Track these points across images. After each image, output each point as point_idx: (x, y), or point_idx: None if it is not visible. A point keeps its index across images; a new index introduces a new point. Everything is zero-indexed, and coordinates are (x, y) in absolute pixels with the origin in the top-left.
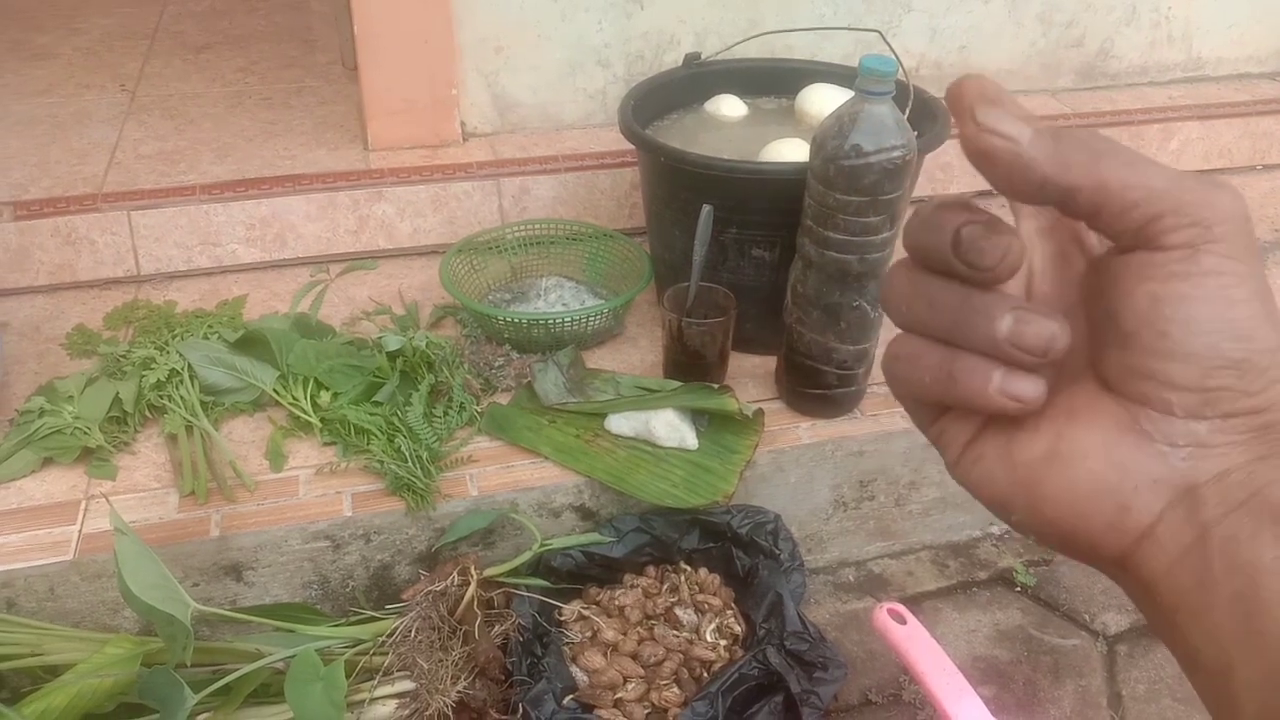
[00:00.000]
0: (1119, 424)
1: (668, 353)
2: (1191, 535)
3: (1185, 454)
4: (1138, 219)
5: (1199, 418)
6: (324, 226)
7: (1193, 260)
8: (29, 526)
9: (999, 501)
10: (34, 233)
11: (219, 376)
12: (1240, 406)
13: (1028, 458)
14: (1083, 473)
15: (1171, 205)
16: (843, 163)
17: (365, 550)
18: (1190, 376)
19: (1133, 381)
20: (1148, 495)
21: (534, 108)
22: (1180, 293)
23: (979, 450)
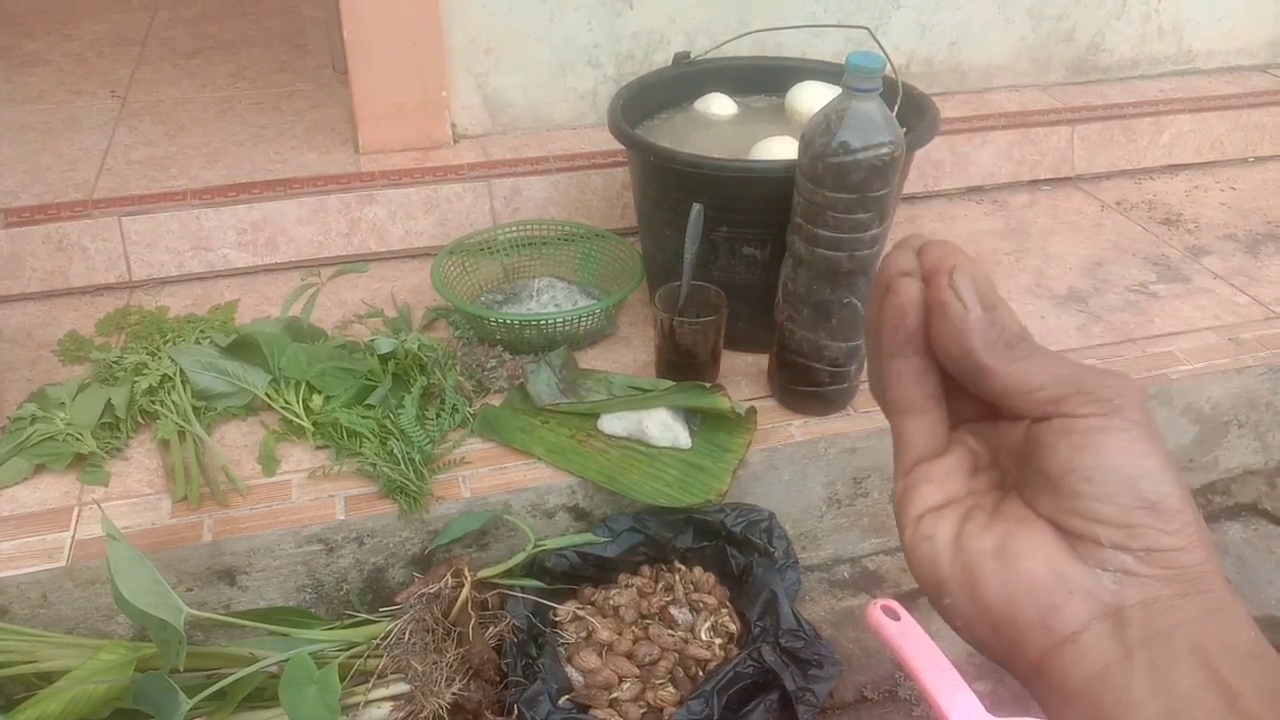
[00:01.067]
0: (1058, 542)
1: (660, 352)
2: (1115, 653)
3: (1114, 577)
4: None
5: (1124, 550)
6: (315, 230)
7: (1105, 420)
8: (21, 534)
9: (937, 581)
10: (25, 240)
11: (211, 381)
12: (1160, 543)
13: (976, 548)
14: (1023, 570)
15: (1075, 388)
16: (831, 160)
17: (359, 553)
18: (1112, 513)
19: (1064, 518)
20: (1079, 603)
21: (525, 108)
22: (1097, 443)
23: (931, 529)
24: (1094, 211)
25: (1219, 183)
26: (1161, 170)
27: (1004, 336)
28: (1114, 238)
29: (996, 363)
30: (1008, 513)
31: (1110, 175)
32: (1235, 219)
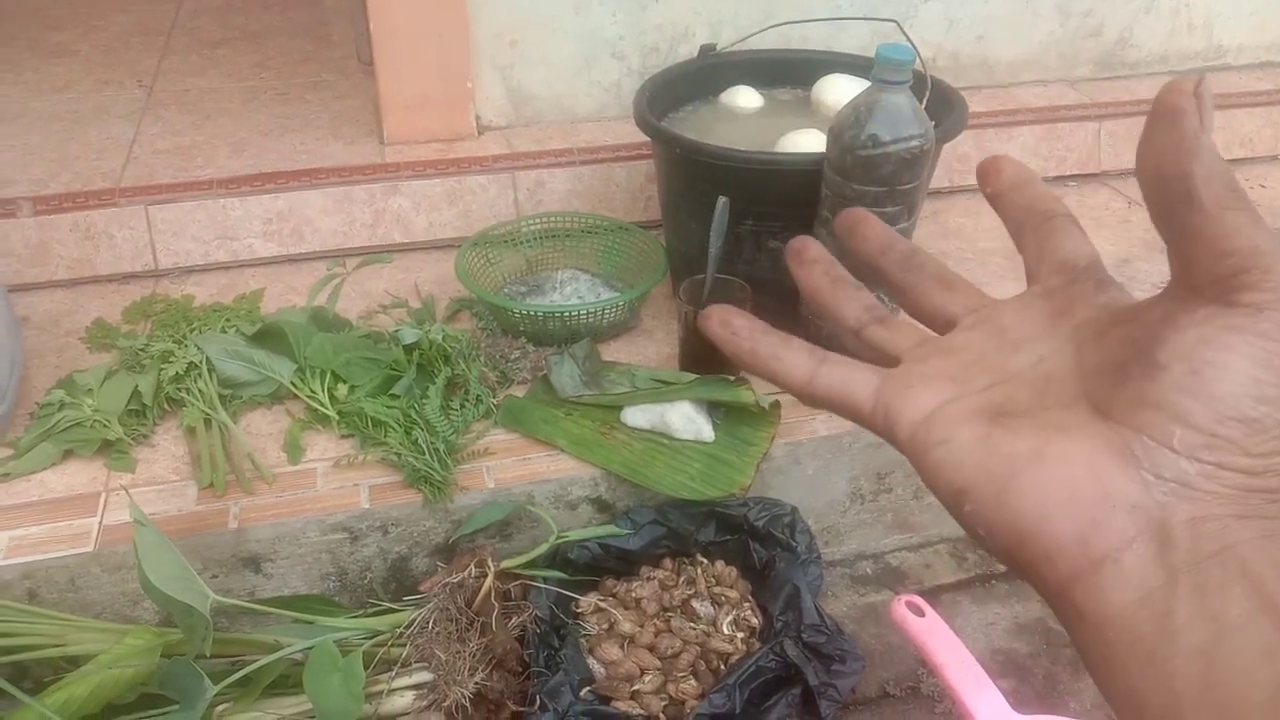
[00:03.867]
0: (1109, 445)
1: (683, 345)
2: (1160, 577)
3: (1168, 489)
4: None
5: (1193, 458)
6: (340, 220)
7: (1253, 320)
8: (50, 519)
9: (957, 487)
10: (53, 227)
11: (237, 370)
12: (1236, 463)
13: (1008, 450)
14: (1064, 476)
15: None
16: (859, 153)
17: (383, 542)
18: (1203, 417)
19: (1141, 411)
20: (1123, 518)
21: (549, 101)
22: (1228, 342)
23: (946, 432)
24: (1121, 208)
25: (1248, 180)
26: None
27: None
28: (1142, 235)
29: (1211, 199)
30: (1041, 415)
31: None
32: (1265, 217)
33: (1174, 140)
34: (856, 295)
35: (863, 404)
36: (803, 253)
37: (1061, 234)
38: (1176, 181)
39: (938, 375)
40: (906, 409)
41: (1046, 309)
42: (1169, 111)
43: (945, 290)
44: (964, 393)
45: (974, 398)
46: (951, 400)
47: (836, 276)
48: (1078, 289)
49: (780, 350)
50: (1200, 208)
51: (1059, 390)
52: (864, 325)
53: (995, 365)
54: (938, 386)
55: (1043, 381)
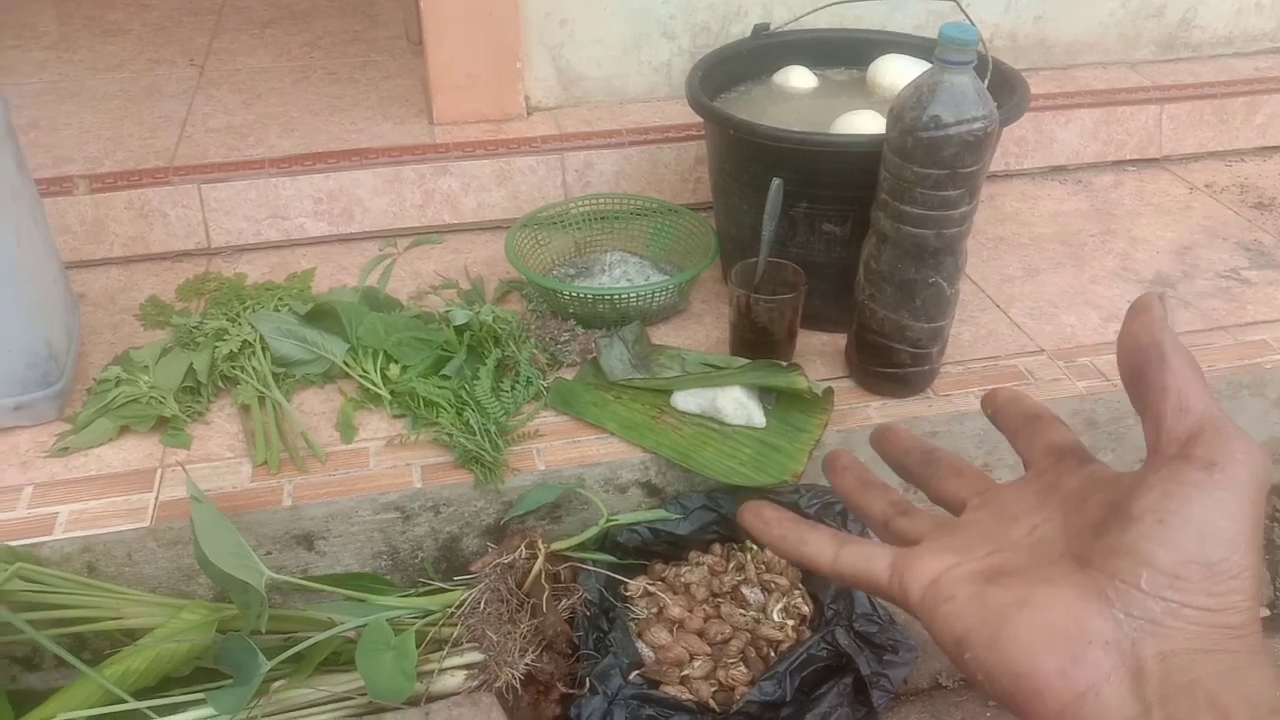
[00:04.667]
0: (1087, 590)
1: (735, 329)
2: (1136, 709)
3: (1138, 626)
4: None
5: (1159, 597)
6: (390, 200)
7: (1208, 475)
8: (108, 493)
9: (958, 637)
10: (109, 205)
11: (290, 348)
12: (1197, 600)
13: (999, 601)
14: (1045, 619)
15: (1214, 428)
16: (921, 134)
17: (434, 522)
18: (1167, 560)
19: (1115, 558)
20: (1099, 653)
21: (598, 81)
22: (1188, 495)
23: (950, 591)
24: (1182, 194)
25: None
26: (1254, 152)
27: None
28: (1204, 221)
29: (1177, 362)
30: (1032, 572)
31: (1199, 157)
32: None
33: (1148, 320)
34: (883, 494)
35: (880, 577)
36: (836, 462)
37: (1048, 428)
38: (1152, 347)
39: (945, 549)
40: (917, 576)
41: (1039, 486)
42: (1143, 305)
43: (958, 479)
44: (967, 559)
45: (975, 563)
46: (955, 566)
47: (865, 480)
48: (1064, 465)
49: (807, 535)
50: (1169, 367)
51: (1048, 550)
52: (890, 518)
53: (995, 536)
54: (944, 557)
55: (1035, 544)
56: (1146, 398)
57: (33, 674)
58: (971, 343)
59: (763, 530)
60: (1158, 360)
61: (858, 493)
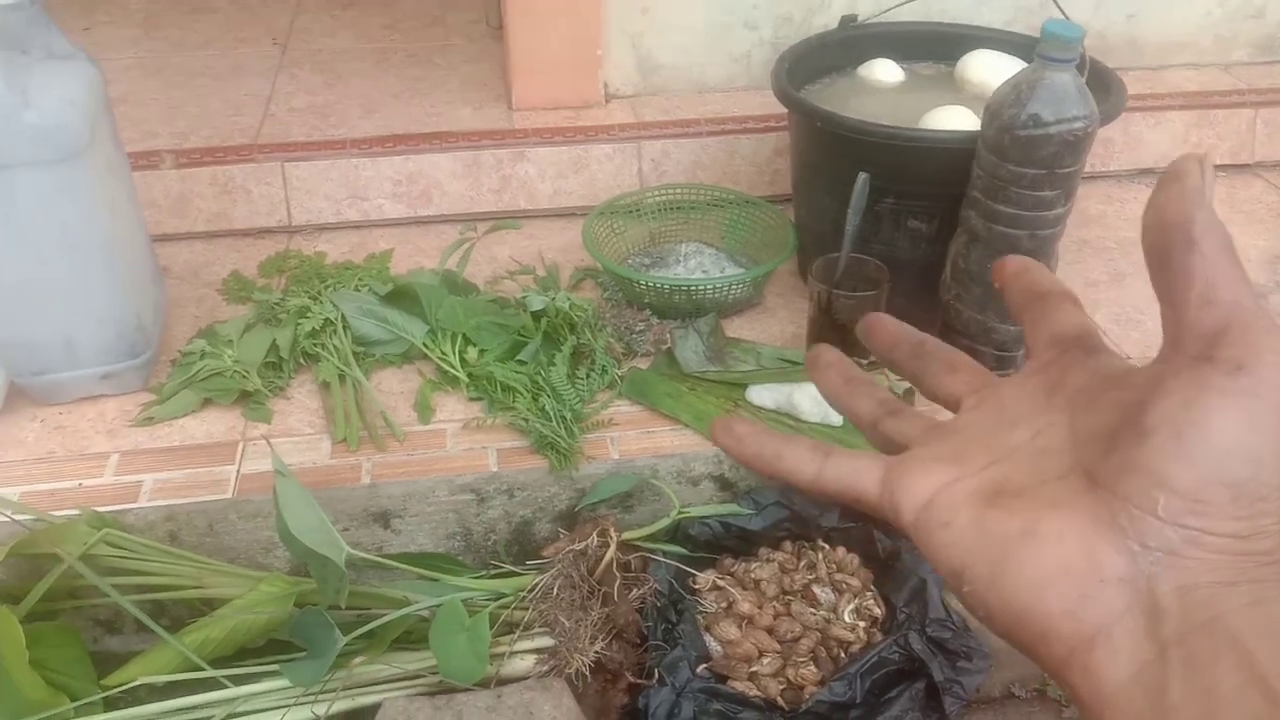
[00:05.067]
0: (1097, 517)
1: (813, 325)
2: (1151, 651)
3: (1154, 558)
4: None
5: (1178, 525)
6: (468, 185)
7: (1233, 379)
8: (191, 464)
9: (957, 568)
10: (194, 180)
11: (370, 328)
12: (1221, 527)
13: (1002, 530)
14: (1053, 552)
15: (1243, 323)
16: (1019, 132)
17: (508, 505)
18: (1187, 481)
19: (1128, 476)
20: (1111, 591)
21: (677, 70)
22: (1210, 404)
23: (946, 515)
24: (1275, 202)
25: None
26: None
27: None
28: None
29: (1209, 244)
30: (1037, 492)
31: None
32: None
33: (1179, 192)
34: (870, 392)
35: (869, 493)
36: (820, 359)
37: (1055, 309)
38: (1179, 228)
39: (939, 458)
40: (910, 494)
41: (1042, 383)
42: (1178, 172)
43: (950, 374)
44: (963, 473)
45: (973, 478)
46: (951, 482)
47: (850, 376)
48: (1069, 358)
49: (784, 449)
50: (1198, 250)
51: (1054, 462)
52: (878, 419)
53: (994, 443)
54: (939, 469)
55: (1039, 454)
56: (1169, 284)
57: (113, 637)
58: None
59: (735, 447)
60: (1184, 241)
61: (844, 391)
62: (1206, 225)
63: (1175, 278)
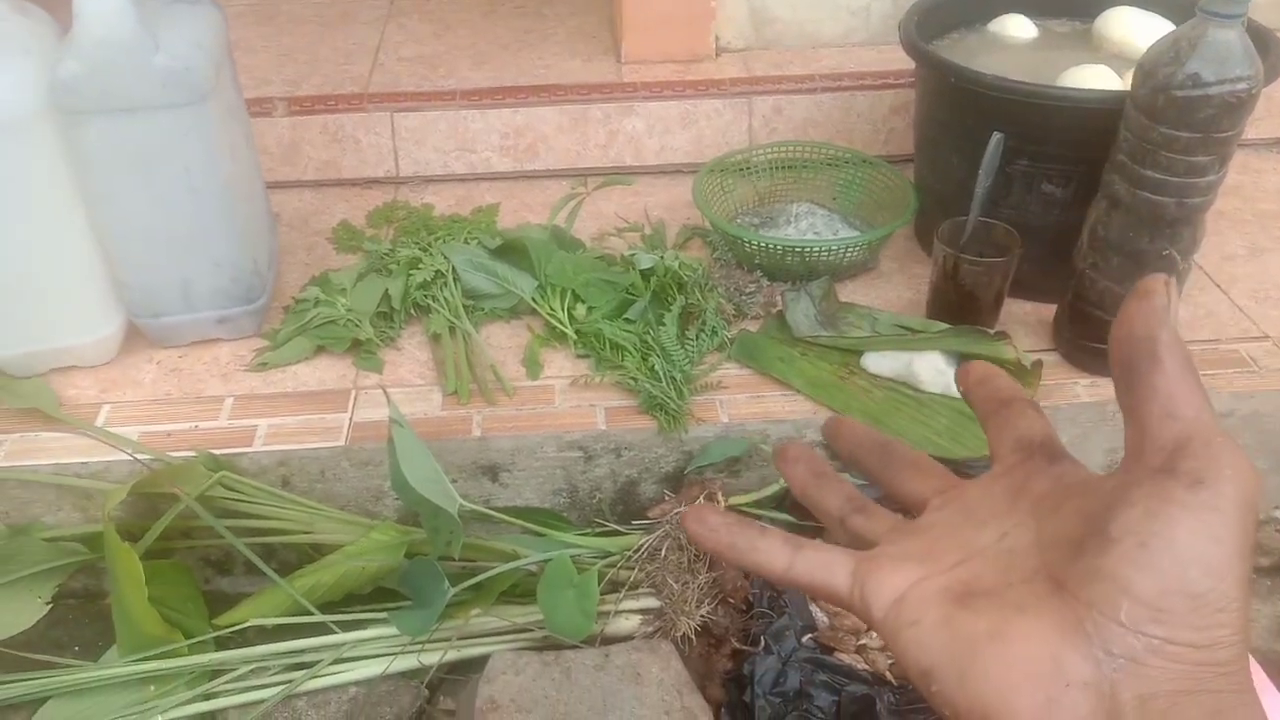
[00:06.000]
0: (1064, 621)
1: (936, 291)
2: None
3: (1118, 665)
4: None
5: (1141, 632)
6: (574, 139)
7: (1193, 493)
8: (304, 410)
9: (925, 668)
10: (305, 128)
11: (480, 281)
12: (1182, 636)
13: (970, 631)
14: (1020, 655)
15: (1203, 439)
16: (1176, 93)
17: (615, 464)
18: (1149, 589)
19: (1093, 583)
20: (1076, 695)
21: (791, 24)
22: (1172, 515)
23: (916, 614)
24: None
25: None
26: None
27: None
28: None
29: (1172, 361)
30: (1004, 594)
31: None
32: None
33: (1147, 310)
34: (838, 488)
35: (840, 587)
36: (785, 454)
37: (1018, 416)
38: (1145, 342)
39: (909, 556)
40: (880, 591)
41: (1007, 486)
42: (1145, 290)
43: (917, 474)
44: (933, 571)
45: (942, 576)
46: (921, 580)
47: (819, 472)
48: (1033, 464)
49: (758, 541)
50: (1162, 367)
51: (1021, 563)
52: (846, 515)
53: (963, 542)
54: (909, 567)
55: (1007, 555)
56: (1133, 397)
57: (223, 578)
58: (1189, 323)
59: (708, 537)
60: (1149, 356)
61: (811, 487)
62: (1170, 343)
63: (1139, 392)
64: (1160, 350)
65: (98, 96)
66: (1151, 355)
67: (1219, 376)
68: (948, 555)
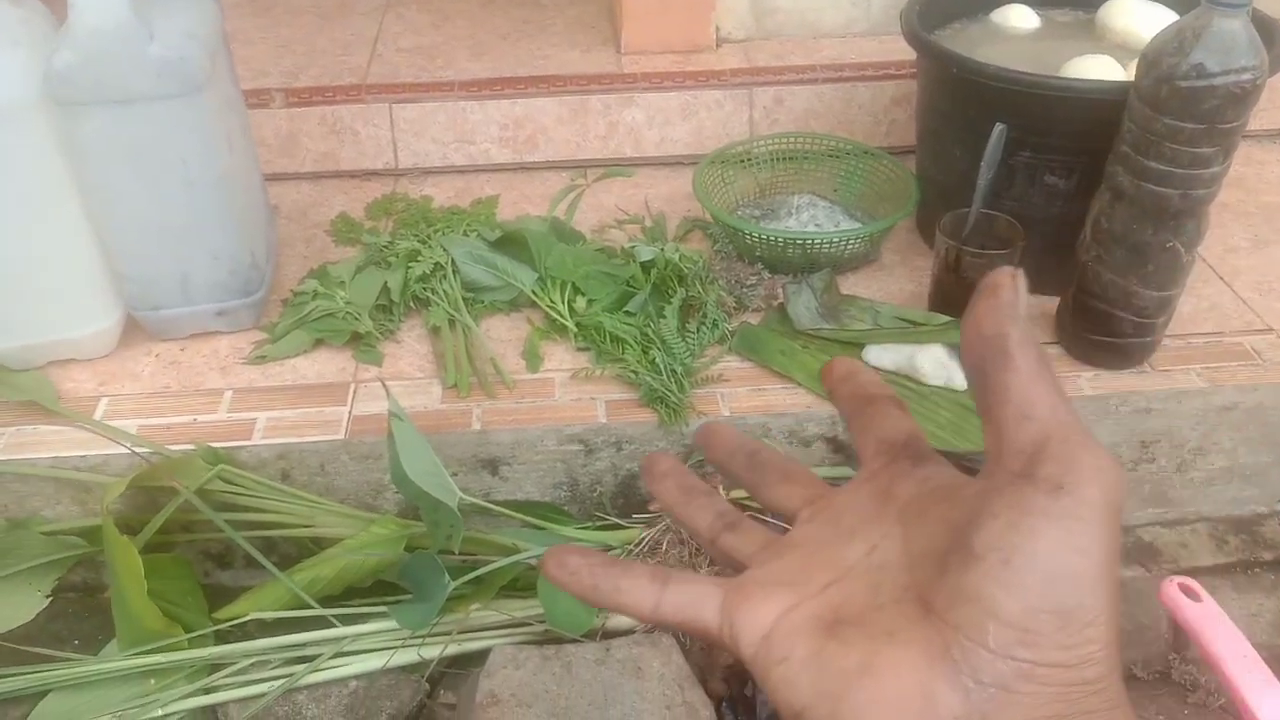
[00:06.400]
0: (932, 650)
1: (937, 283)
2: None
3: (988, 695)
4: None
5: (1009, 657)
6: (574, 130)
7: (1055, 499)
8: (303, 403)
9: (797, 709)
10: (303, 119)
11: (480, 274)
12: (1051, 657)
13: (840, 666)
14: (890, 691)
15: (1060, 439)
16: (1180, 83)
17: (615, 458)
18: (1015, 610)
19: (959, 605)
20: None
21: (792, 13)
22: (1034, 527)
23: (784, 649)
24: None
25: None
26: None
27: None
28: None
29: (1024, 360)
30: (874, 620)
31: None
32: None
33: (994, 307)
34: (708, 504)
35: (710, 624)
36: (654, 468)
37: (881, 415)
38: (995, 340)
39: (777, 581)
40: (748, 626)
41: (874, 492)
42: (991, 287)
43: (785, 484)
44: (802, 598)
45: (812, 602)
46: (790, 609)
47: (688, 487)
48: (898, 466)
49: (621, 581)
50: (1013, 366)
51: (891, 581)
52: (716, 534)
53: (832, 559)
54: (777, 595)
55: (876, 572)
56: (987, 399)
57: (224, 571)
58: (1192, 316)
59: (569, 581)
60: (1000, 355)
61: (680, 504)
62: (1020, 340)
63: (993, 393)
64: (1011, 348)
65: (92, 87)
66: (1002, 354)
67: (1223, 370)
68: (817, 576)
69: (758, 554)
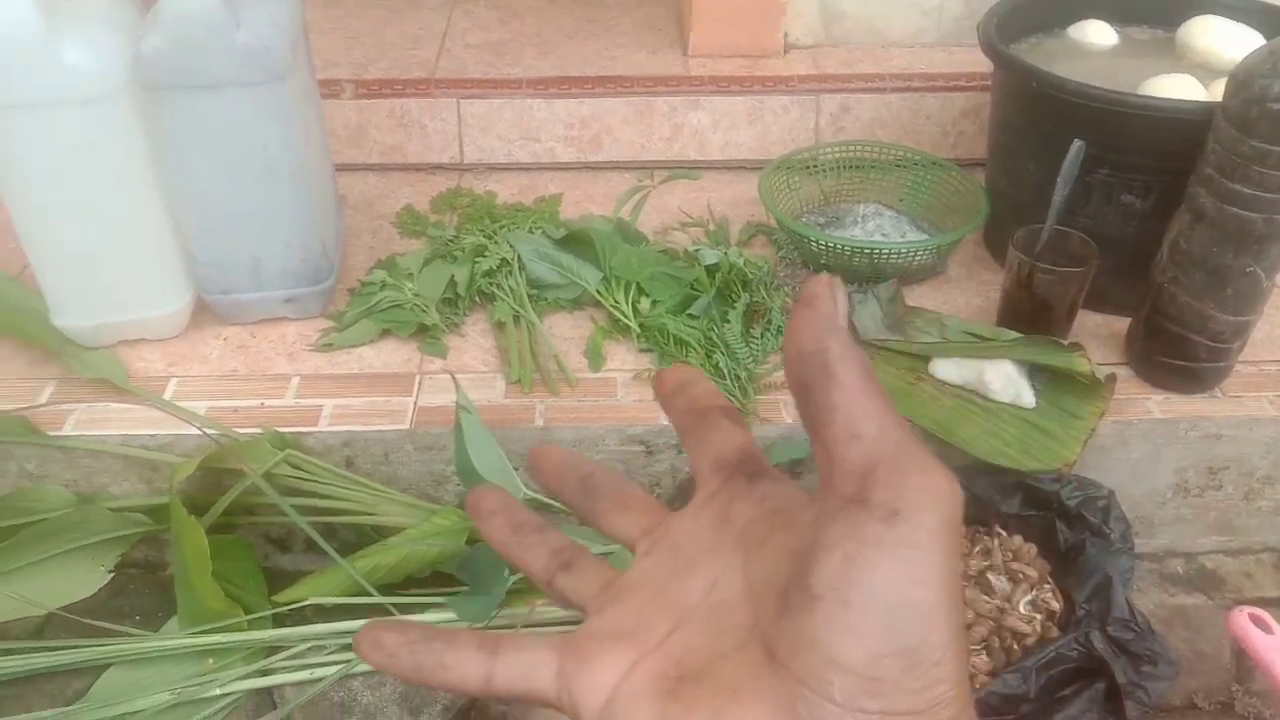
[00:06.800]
0: (778, 707)
1: (1008, 299)
2: None
3: None
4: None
5: (857, 709)
6: (639, 131)
7: (890, 527)
8: (369, 392)
9: None
10: (372, 112)
11: (545, 271)
12: (901, 705)
13: None
14: None
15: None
16: (1271, 105)
17: (675, 460)
18: (857, 658)
19: (802, 652)
20: None
21: (861, 21)
22: (870, 559)
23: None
24: None
25: None
26: None
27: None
28: None
29: (847, 376)
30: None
31: None
32: None
33: (812, 319)
34: (541, 540)
35: (549, 694)
36: (479, 505)
37: (713, 429)
38: (815, 356)
39: (617, 633)
40: (587, 694)
41: (712, 516)
42: (808, 298)
43: (621, 512)
44: (642, 653)
45: (652, 659)
46: (630, 668)
47: (519, 523)
48: (733, 486)
49: (446, 656)
50: (836, 382)
51: (734, 624)
52: (551, 575)
53: (671, 602)
54: (615, 653)
55: (718, 613)
56: (814, 418)
57: (283, 555)
58: (1264, 342)
59: (388, 664)
60: (822, 371)
61: (512, 543)
62: (842, 354)
63: (819, 413)
64: (832, 363)
65: (179, 72)
66: (824, 370)
67: None
68: (657, 623)
69: (596, 598)
